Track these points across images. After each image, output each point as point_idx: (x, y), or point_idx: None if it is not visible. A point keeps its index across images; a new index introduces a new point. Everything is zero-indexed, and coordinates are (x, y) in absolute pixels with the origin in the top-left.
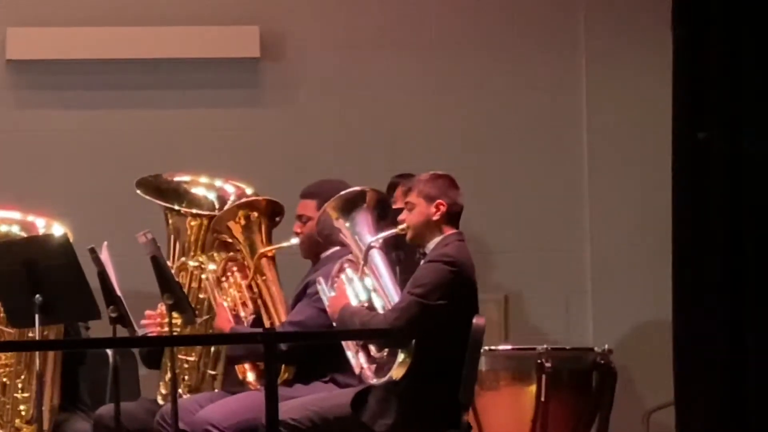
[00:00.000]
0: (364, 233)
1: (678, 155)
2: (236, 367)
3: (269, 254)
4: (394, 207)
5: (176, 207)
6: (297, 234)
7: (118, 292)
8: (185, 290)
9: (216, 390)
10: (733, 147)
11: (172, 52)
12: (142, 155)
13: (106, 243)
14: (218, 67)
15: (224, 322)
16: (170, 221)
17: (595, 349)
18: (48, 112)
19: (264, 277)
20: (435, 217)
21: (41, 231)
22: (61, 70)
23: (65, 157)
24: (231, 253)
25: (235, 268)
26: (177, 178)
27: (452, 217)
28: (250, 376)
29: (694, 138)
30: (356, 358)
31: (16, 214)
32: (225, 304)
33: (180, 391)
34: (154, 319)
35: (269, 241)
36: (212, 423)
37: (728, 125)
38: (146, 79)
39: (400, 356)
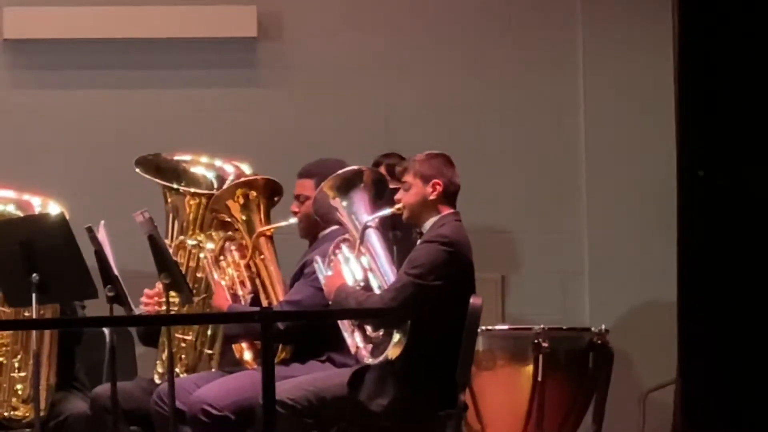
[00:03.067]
0: (360, 212)
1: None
2: (233, 346)
3: (267, 233)
4: (390, 186)
5: (175, 186)
6: (295, 213)
7: (115, 271)
8: (183, 269)
9: (213, 369)
10: (739, 128)
11: (170, 31)
12: (138, 135)
13: (103, 222)
14: (215, 47)
15: (222, 301)
16: (169, 200)
17: (592, 329)
18: (45, 92)
19: (262, 256)
20: (431, 197)
21: (37, 210)
22: (57, 50)
23: (62, 136)
24: (229, 232)
25: (233, 247)
26: (177, 158)
27: (449, 196)
28: (247, 356)
29: (698, 122)
30: (352, 338)
31: (10, 193)
32: (223, 282)
33: (177, 370)
34: (152, 298)
35: (267, 221)
36: (209, 402)
37: (736, 108)
38: (143, 58)
39: (396, 336)
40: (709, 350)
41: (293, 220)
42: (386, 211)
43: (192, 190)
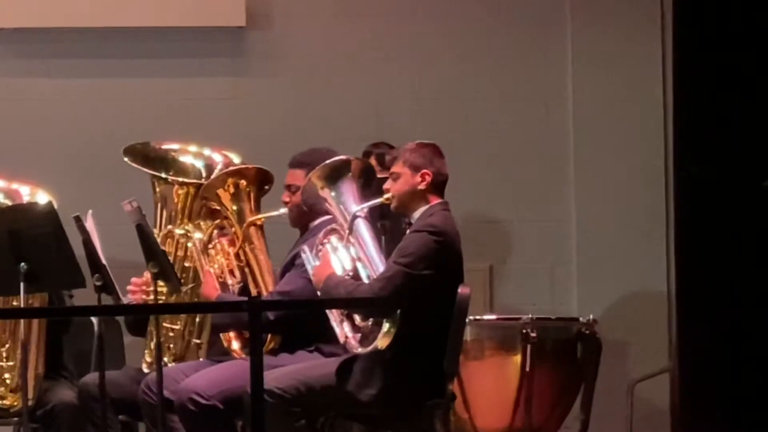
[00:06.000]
0: (349, 202)
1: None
2: (221, 335)
3: (258, 223)
4: (378, 176)
5: (163, 175)
6: (285, 203)
7: (103, 261)
8: (171, 258)
9: (201, 359)
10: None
11: (159, 20)
12: (127, 124)
13: (91, 211)
14: (204, 36)
15: (211, 289)
16: (157, 189)
17: (580, 319)
18: (35, 81)
19: (252, 246)
20: (420, 187)
21: (26, 199)
22: (46, 38)
23: (50, 125)
24: (218, 221)
25: (223, 237)
26: (165, 147)
27: (438, 186)
28: (235, 345)
29: (691, 101)
30: (341, 327)
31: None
32: (212, 271)
33: (165, 359)
34: (140, 286)
35: (258, 210)
36: (197, 391)
37: (730, 87)
38: (132, 47)
39: (385, 326)
40: (705, 343)
41: (283, 209)
42: (375, 201)
43: (180, 179)
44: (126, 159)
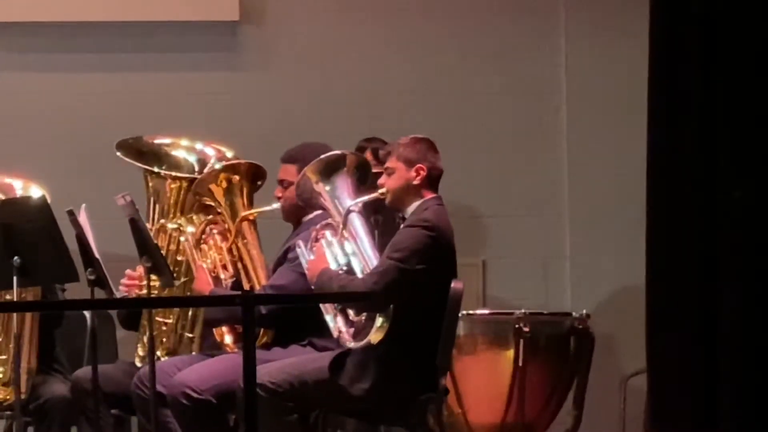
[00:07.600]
0: (343, 197)
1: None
2: (214, 330)
3: (250, 218)
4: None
5: (156, 169)
6: (278, 198)
7: (96, 255)
8: (164, 252)
9: (194, 353)
10: (710, 98)
11: (151, 14)
12: (120, 118)
13: (84, 205)
14: (197, 30)
15: (203, 284)
16: (150, 184)
17: (573, 314)
18: (26, 75)
19: (245, 241)
20: (415, 182)
21: (19, 193)
22: (38, 33)
23: (44, 119)
24: (211, 216)
25: (215, 231)
26: (158, 141)
27: (432, 181)
28: (228, 339)
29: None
30: (334, 321)
31: None
32: (204, 266)
33: (158, 353)
34: (134, 280)
35: (250, 205)
36: (190, 386)
37: (706, 80)
38: (125, 41)
39: (378, 320)
40: (677, 341)
41: (276, 205)
42: (370, 196)
43: (173, 173)
44: (118, 153)
